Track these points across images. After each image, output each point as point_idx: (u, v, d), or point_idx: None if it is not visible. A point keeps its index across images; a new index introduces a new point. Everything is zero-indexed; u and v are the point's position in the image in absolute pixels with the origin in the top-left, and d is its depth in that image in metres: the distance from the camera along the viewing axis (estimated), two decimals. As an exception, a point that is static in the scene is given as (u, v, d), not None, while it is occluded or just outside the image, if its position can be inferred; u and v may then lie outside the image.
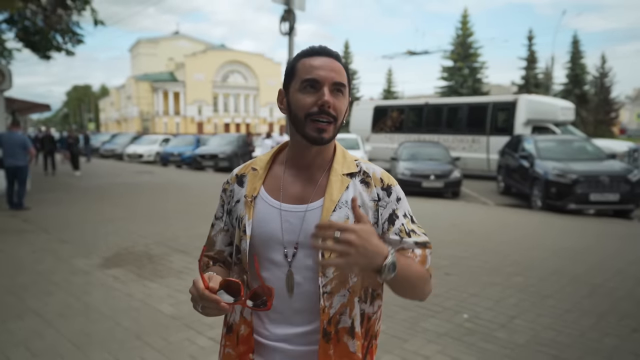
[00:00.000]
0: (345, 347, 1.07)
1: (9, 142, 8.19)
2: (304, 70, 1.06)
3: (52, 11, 14.39)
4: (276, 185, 1.13)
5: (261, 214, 1.11)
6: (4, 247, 5.84)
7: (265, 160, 1.18)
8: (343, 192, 1.09)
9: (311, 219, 1.07)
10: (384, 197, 1.11)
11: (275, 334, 1.10)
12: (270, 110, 72.79)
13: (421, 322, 3.57)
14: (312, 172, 1.13)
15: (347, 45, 51.79)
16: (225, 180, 1.24)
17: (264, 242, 1.10)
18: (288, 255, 1.08)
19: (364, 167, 1.15)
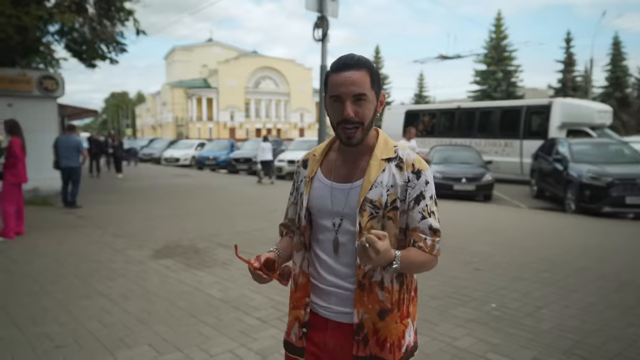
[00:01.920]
0: (376, 296, 1.34)
1: (65, 145, 8.86)
2: (330, 86, 1.32)
3: (98, 22, 15.27)
4: (329, 168, 1.42)
5: (316, 191, 1.40)
6: (65, 240, 6.39)
7: (323, 147, 1.48)
8: (379, 174, 1.34)
9: (353, 195, 1.34)
10: (412, 180, 1.34)
11: (328, 280, 1.39)
12: (300, 115, 73.61)
13: (451, 310, 3.81)
14: (357, 157, 1.38)
15: (378, 50, 51.98)
16: (297, 164, 1.56)
17: (318, 212, 1.40)
18: (335, 223, 1.37)
19: (401, 153, 1.38)
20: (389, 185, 1.33)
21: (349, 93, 1.28)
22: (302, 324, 1.42)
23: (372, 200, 1.31)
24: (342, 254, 1.36)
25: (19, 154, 6.42)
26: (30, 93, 10.93)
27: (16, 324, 3.51)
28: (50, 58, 20.89)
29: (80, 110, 16.28)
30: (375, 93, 1.34)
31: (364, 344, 1.34)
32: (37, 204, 9.55)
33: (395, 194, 1.32)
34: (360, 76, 1.29)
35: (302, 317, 1.42)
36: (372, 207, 1.31)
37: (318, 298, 1.41)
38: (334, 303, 1.38)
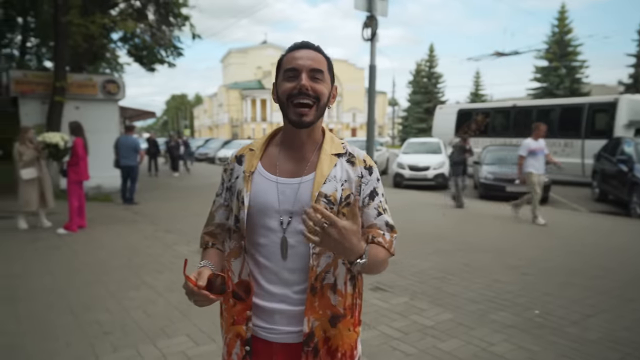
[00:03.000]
0: (328, 300, 1.23)
1: (124, 145, 9.41)
2: (286, 62, 1.23)
3: (157, 28, 16.06)
4: (272, 163, 1.28)
5: (258, 187, 1.25)
6: (121, 233, 6.80)
7: (262, 142, 1.34)
8: (332, 168, 1.24)
9: (304, 190, 1.22)
10: (365, 175, 1.28)
11: (273, 293, 1.23)
12: (352, 115, 73.47)
13: (490, 314, 3.69)
14: (304, 151, 1.28)
15: (432, 49, 50.80)
16: (226, 162, 1.40)
17: (261, 212, 1.23)
18: (283, 222, 1.22)
19: (350, 149, 1.31)
20: (343, 179, 1.24)
21: (306, 66, 1.20)
22: (245, 341, 1.26)
23: (326, 194, 1.21)
24: (293, 257, 1.22)
25: (81, 153, 6.88)
26: (94, 96, 11.68)
27: (72, 310, 3.79)
28: (115, 63, 22.22)
29: (139, 112, 17.17)
30: (331, 81, 1.26)
31: (314, 355, 1.22)
32: (99, 200, 10.20)
33: (350, 189, 1.25)
34: (317, 56, 1.23)
35: (244, 333, 1.26)
36: (327, 202, 1.20)
37: (259, 319, 1.25)
38: (279, 322, 1.24)
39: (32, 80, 11.18)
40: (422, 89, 49.18)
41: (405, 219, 8.06)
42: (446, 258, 5.45)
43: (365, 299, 3.97)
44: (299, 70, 1.20)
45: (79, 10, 11.11)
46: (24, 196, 6.80)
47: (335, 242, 1.05)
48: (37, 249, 5.83)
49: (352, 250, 1.08)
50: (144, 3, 15.84)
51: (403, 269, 4.99)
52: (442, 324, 3.51)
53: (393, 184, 13.72)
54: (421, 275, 4.78)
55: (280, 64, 1.26)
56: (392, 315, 3.67)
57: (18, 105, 11.12)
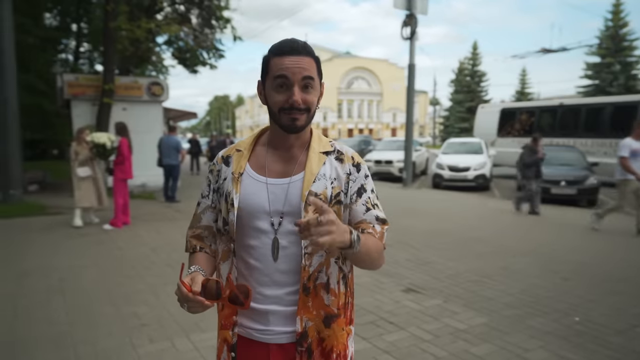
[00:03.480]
0: (321, 300, 1.21)
1: (167, 145, 9.74)
2: (275, 69, 1.17)
3: (200, 31, 16.51)
4: (260, 164, 1.26)
5: (248, 188, 1.23)
6: (162, 230, 7.05)
7: (249, 142, 1.32)
8: (321, 166, 1.23)
9: (294, 190, 1.20)
10: (353, 172, 1.26)
11: (266, 295, 1.21)
12: (393, 115, 72.75)
13: (527, 320, 3.57)
14: (292, 151, 1.26)
15: (476, 47, 49.53)
16: (211, 163, 1.36)
17: (251, 213, 1.21)
18: (274, 223, 1.20)
19: (338, 147, 1.30)
20: (332, 177, 1.23)
21: (297, 75, 1.16)
22: (230, 346, 1.24)
23: (316, 193, 1.19)
24: (284, 258, 1.20)
25: (126, 153, 7.19)
26: (140, 98, 12.15)
27: (114, 302, 3.97)
28: (161, 66, 23.04)
29: (181, 113, 17.73)
30: (319, 80, 1.23)
31: (308, 356, 1.21)
32: (143, 197, 10.61)
33: (340, 187, 1.23)
34: (308, 62, 1.19)
35: (230, 338, 1.24)
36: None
37: (253, 321, 1.23)
38: (274, 323, 1.22)
39: (83, 83, 11.76)
40: (465, 88, 48.06)
41: (442, 221, 7.91)
42: (484, 261, 5.31)
43: (397, 299, 3.96)
44: (290, 80, 1.16)
45: (127, 16, 11.59)
46: (78, 193, 7.17)
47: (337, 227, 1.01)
48: (85, 243, 6.15)
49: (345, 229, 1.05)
50: (187, 7, 16.34)
51: (438, 271, 4.91)
52: (476, 327, 3.43)
53: (432, 185, 13.50)
54: (456, 277, 4.68)
55: (268, 66, 1.20)
56: (423, 318, 3.63)
57: (70, 107, 11.75)
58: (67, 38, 23.09)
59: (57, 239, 6.45)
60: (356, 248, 1.08)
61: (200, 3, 16.19)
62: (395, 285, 4.42)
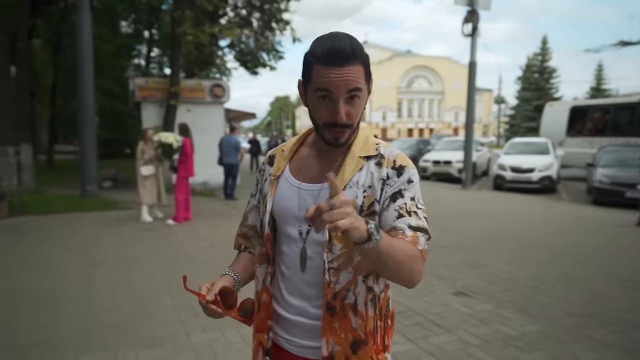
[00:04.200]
0: (350, 323, 1.10)
1: (227, 145, 10.14)
2: (318, 79, 1.05)
3: (261, 34, 16.98)
4: (299, 166, 1.19)
5: (282, 192, 1.17)
6: (220, 227, 7.35)
7: (294, 141, 1.25)
8: (356, 173, 1.12)
9: (324, 197, 1.10)
10: (392, 177, 1.11)
11: (292, 305, 1.15)
12: (455, 114, 70.69)
13: (587, 330, 3.37)
14: (332, 154, 1.16)
15: (546, 42, 46.92)
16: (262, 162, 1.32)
17: (282, 218, 1.16)
18: (303, 232, 1.13)
19: (383, 150, 1.16)
20: (367, 186, 1.11)
21: (342, 90, 1.04)
22: (266, 350, 1.20)
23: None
24: (311, 269, 1.12)
25: (189, 152, 7.56)
26: (203, 100, 12.71)
27: (172, 293, 4.21)
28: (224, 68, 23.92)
29: (241, 114, 18.32)
30: (367, 85, 1.11)
31: None
32: (205, 195, 11.10)
33: (374, 195, 1.10)
34: (356, 71, 1.05)
35: (265, 342, 1.20)
36: None
37: (281, 329, 1.19)
38: (298, 335, 1.16)
39: (152, 86, 12.50)
40: (533, 86, 45.68)
41: (501, 224, 7.61)
42: (544, 266, 5.06)
43: (446, 303, 3.90)
44: (336, 95, 1.04)
45: (192, 21, 12.16)
46: (143, 190, 7.65)
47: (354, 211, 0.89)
48: (149, 237, 6.55)
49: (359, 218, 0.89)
50: (249, 11, 16.87)
51: (493, 275, 4.74)
52: (529, 335, 3.29)
53: (493, 187, 12.98)
54: (512, 282, 4.50)
55: (311, 72, 1.07)
56: (473, 322, 3.53)
57: (141, 109, 12.53)
58: (140, 44, 24.63)
59: (125, 232, 6.92)
60: (376, 240, 0.89)
61: (261, 7, 16.67)
62: (446, 288, 4.32)
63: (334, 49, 1.02)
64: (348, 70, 1.03)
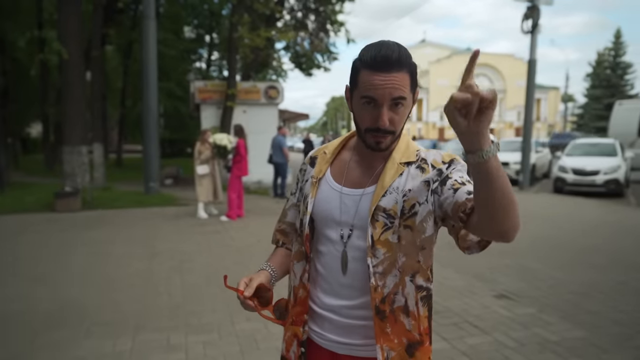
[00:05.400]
0: (402, 326, 1.11)
1: (275, 144, 10.49)
2: (363, 85, 1.07)
3: (315, 36, 17.25)
4: (340, 169, 1.21)
5: (323, 194, 1.19)
6: (269, 224, 7.56)
7: (336, 144, 1.27)
8: (395, 178, 1.13)
9: (365, 203, 1.14)
10: (434, 176, 1.12)
11: (325, 302, 1.18)
12: (517, 113, 67.65)
13: (636, 340, 3.25)
14: (373, 159, 1.18)
15: (619, 34, 43.86)
16: (303, 161, 1.34)
17: (322, 220, 1.19)
18: (344, 236, 1.15)
19: (423, 155, 1.17)
20: (406, 190, 1.12)
21: (387, 97, 1.06)
22: (301, 342, 1.23)
23: (385, 208, 1.11)
24: (350, 273, 1.15)
25: (243, 152, 7.91)
26: (258, 101, 13.15)
27: (220, 284, 4.45)
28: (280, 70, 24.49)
29: (294, 115, 18.72)
30: (412, 94, 1.12)
31: None
32: (259, 193, 11.50)
33: (415, 198, 1.11)
34: (401, 78, 1.06)
35: (300, 334, 1.22)
36: (386, 217, 1.11)
37: (312, 321, 1.23)
38: (329, 330, 1.19)
39: (211, 89, 13.10)
40: (604, 82, 42.88)
41: (556, 227, 7.33)
42: (597, 273, 4.86)
43: (486, 305, 3.90)
44: (379, 101, 1.06)
45: (248, 26, 12.62)
46: (200, 188, 8.09)
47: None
48: (204, 232, 6.94)
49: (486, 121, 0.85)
50: (304, 14, 17.20)
51: (539, 279, 4.63)
52: (570, 341, 3.22)
53: (553, 189, 12.42)
54: (559, 287, 4.38)
55: (357, 77, 1.10)
56: (512, 324, 3.50)
57: (200, 111, 13.17)
58: (202, 48, 25.76)
59: (183, 226, 7.36)
60: (492, 151, 0.86)
61: (316, 9, 16.95)
62: (488, 291, 4.29)
63: (380, 54, 1.05)
64: (393, 76, 1.05)
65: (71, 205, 8.78)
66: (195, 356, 3.06)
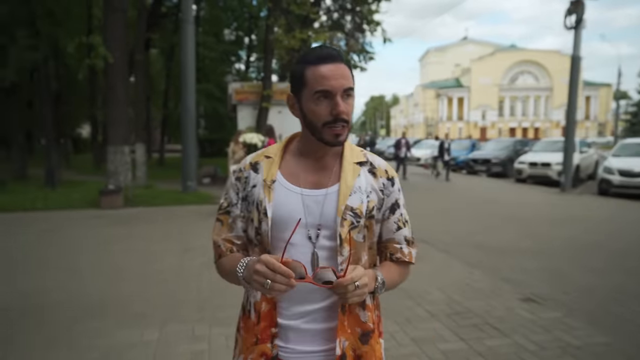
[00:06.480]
0: (357, 318, 1.16)
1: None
2: (314, 80, 1.10)
3: (351, 35, 17.28)
4: (292, 172, 1.19)
5: (281, 198, 1.16)
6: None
7: (278, 149, 1.24)
8: (356, 178, 1.18)
9: (329, 202, 1.15)
10: (388, 187, 1.22)
11: (292, 311, 1.15)
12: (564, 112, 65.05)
13: (664, 348, 3.12)
14: (325, 161, 1.20)
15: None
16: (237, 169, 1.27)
17: (283, 224, 1.13)
18: (312, 237, 1.14)
19: (370, 158, 1.24)
20: (368, 191, 1.18)
21: (339, 87, 1.09)
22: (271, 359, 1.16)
23: (353, 207, 1.14)
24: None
25: (274, 151, 8.07)
26: (293, 102, 13.33)
27: (247, 280, 4.62)
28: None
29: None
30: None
31: None
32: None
33: (374, 201, 1.19)
34: (345, 70, 1.12)
35: (269, 351, 1.15)
36: (353, 216, 1.14)
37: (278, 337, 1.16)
38: (294, 341, 1.16)
39: (247, 90, 13.42)
40: (660, 78, 40.47)
41: (595, 231, 7.06)
42: (633, 278, 4.67)
43: (510, 307, 3.87)
44: (333, 93, 1.09)
45: (284, 27, 12.84)
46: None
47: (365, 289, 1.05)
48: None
49: (371, 279, 1.10)
50: (341, 14, 17.27)
51: (569, 283, 4.50)
52: (593, 347, 3.14)
53: (598, 191, 11.91)
54: (589, 292, 4.24)
55: (303, 78, 1.12)
56: (534, 328, 3.43)
57: (236, 111, 13.51)
58: (241, 50, 26.35)
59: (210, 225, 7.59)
60: (379, 293, 1.15)
61: (352, 9, 16.99)
62: (513, 293, 4.21)
63: (323, 51, 1.11)
64: (341, 67, 1.10)
65: (114, 203, 9.24)
66: (218, 347, 3.20)
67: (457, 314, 3.71)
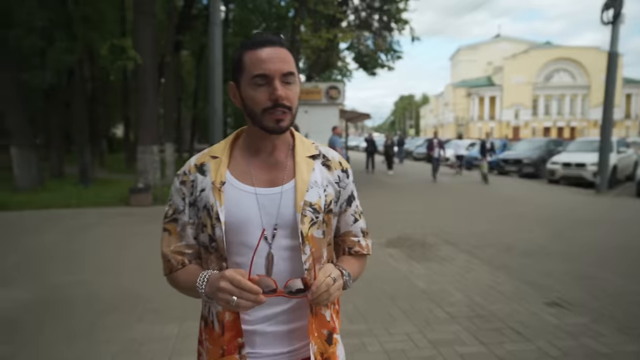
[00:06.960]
0: (323, 318, 1.14)
1: (330, 144, 10.63)
2: (251, 64, 1.05)
3: (379, 34, 17.15)
4: (243, 171, 1.13)
5: (233, 200, 1.09)
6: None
7: (223, 147, 1.17)
8: (311, 172, 1.14)
9: (286, 200, 1.10)
10: (343, 179, 1.20)
11: (255, 315, 1.10)
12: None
13: (699, 358, 2.95)
14: (276, 156, 1.14)
15: None
16: (180, 173, 1.17)
17: (239, 227, 1.08)
18: (268, 237, 1.08)
19: (323, 150, 1.21)
20: (324, 185, 1.15)
21: (277, 70, 1.04)
22: None
23: (311, 203, 1.11)
24: (276, 275, 1.07)
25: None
26: (319, 101, 13.36)
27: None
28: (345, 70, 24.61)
29: (356, 115, 18.69)
30: (298, 76, 1.12)
31: None
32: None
33: (331, 194, 1.16)
34: (286, 54, 1.07)
35: None
36: (312, 212, 1.10)
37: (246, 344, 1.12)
38: (261, 345, 1.12)
39: (273, 90, 13.50)
40: None
41: (630, 234, 6.75)
42: (669, 284, 4.44)
43: (534, 311, 3.76)
44: (271, 77, 1.05)
45: (311, 27, 12.86)
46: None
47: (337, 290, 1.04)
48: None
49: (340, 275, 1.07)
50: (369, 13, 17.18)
51: (599, 288, 4.32)
52: (622, 355, 2.99)
53: (636, 193, 11.41)
54: (620, 297, 4.06)
55: (241, 63, 1.08)
56: (558, 333, 3.31)
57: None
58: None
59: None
60: (349, 286, 1.12)
61: (380, 8, 16.86)
62: (539, 297, 4.07)
63: (263, 36, 1.08)
64: (279, 50, 1.06)
65: (142, 201, 9.46)
66: (234, 344, 3.22)
67: (479, 316, 3.61)
